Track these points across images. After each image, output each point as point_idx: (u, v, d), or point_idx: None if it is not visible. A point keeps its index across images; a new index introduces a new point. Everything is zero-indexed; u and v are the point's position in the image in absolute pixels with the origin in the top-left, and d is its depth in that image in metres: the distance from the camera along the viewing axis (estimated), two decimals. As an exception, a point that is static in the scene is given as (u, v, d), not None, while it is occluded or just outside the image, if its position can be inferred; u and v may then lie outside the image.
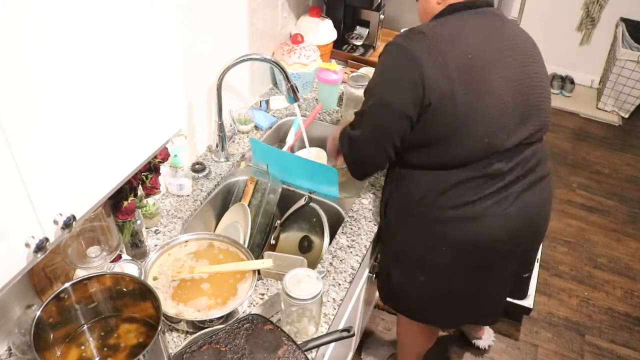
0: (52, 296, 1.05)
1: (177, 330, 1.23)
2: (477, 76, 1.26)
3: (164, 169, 1.42)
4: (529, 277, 1.62)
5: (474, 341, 2.30)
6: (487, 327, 2.31)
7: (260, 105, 1.95)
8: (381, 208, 1.52)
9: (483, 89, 1.26)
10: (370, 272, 1.78)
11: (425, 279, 1.48)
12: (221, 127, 1.65)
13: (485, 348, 2.30)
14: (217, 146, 1.70)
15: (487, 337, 2.30)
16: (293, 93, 1.61)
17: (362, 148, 1.42)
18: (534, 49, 1.38)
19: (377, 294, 2.31)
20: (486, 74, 1.27)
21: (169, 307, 1.21)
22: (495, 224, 1.36)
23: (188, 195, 1.58)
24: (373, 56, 2.28)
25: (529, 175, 1.37)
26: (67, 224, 0.82)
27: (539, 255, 2.44)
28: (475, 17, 1.33)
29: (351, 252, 1.45)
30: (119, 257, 1.28)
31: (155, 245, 1.40)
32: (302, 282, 1.17)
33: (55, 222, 0.81)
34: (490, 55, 1.29)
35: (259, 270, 1.38)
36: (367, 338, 2.28)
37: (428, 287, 1.50)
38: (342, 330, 1.19)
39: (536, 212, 1.42)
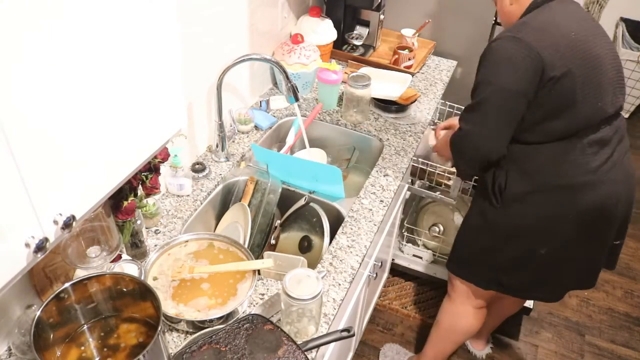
0: (52, 296, 1.05)
1: (177, 330, 1.23)
2: (585, 49, 1.39)
3: (164, 169, 1.42)
4: (621, 245, 1.69)
5: (472, 351, 2.29)
6: (486, 338, 2.30)
7: (260, 105, 1.95)
8: (492, 189, 1.55)
9: (592, 60, 1.39)
10: (370, 272, 1.78)
11: (545, 251, 1.53)
12: (221, 127, 1.65)
13: (482, 358, 2.29)
14: (217, 146, 1.70)
15: (486, 348, 2.30)
16: (293, 93, 1.61)
17: (481, 139, 1.45)
18: (602, 28, 1.53)
19: (377, 292, 2.32)
20: (592, 47, 1.40)
21: (169, 307, 1.21)
22: (612, 189, 1.47)
23: (188, 195, 1.58)
24: (373, 56, 2.28)
25: (622, 143, 1.51)
26: (67, 224, 0.82)
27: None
28: (560, 6, 1.45)
29: (351, 252, 1.45)
30: (119, 257, 1.28)
31: (155, 245, 1.40)
32: (302, 282, 1.17)
33: (55, 222, 0.81)
34: (589, 32, 1.43)
35: (259, 270, 1.38)
36: (385, 344, 2.27)
37: (546, 260, 1.55)
38: (342, 330, 1.19)
39: (633, 178, 1.54)
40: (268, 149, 1.71)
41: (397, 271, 2.53)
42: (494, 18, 2.23)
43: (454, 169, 1.99)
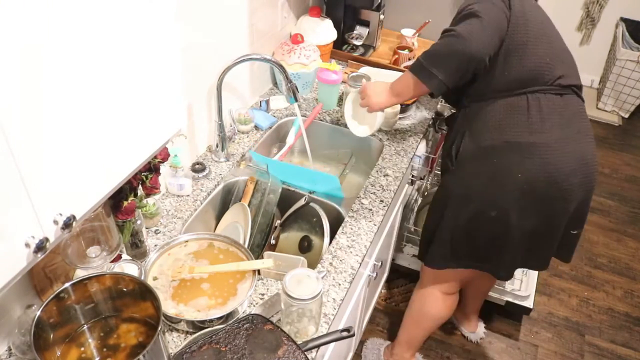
0: (52, 296, 1.05)
1: (177, 330, 1.23)
2: (540, 22, 1.52)
3: (164, 169, 1.42)
4: (578, 236, 1.69)
5: (465, 334, 2.33)
6: (480, 321, 2.34)
7: (260, 105, 1.95)
8: (449, 154, 1.61)
9: (549, 30, 1.53)
10: (370, 272, 1.78)
11: (496, 214, 1.54)
12: (221, 127, 1.65)
13: (477, 342, 2.32)
14: (217, 146, 1.70)
15: (479, 331, 2.33)
16: (293, 93, 1.61)
17: (478, 36, 1.45)
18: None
19: (377, 292, 2.32)
20: (546, 25, 1.54)
21: (169, 307, 1.21)
22: (562, 160, 1.48)
23: (188, 195, 1.58)
24: (373, 56, 2.28)
25: (581, 123, 1.54)
26: (67, 224, 0.82)
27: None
28: None
29: (351, 252, 1.45)
30: (119, 257, 1.28)
31: (155, 245, 1.40)
32: (302, 282, 1.17)
33: (55, 222, 0.81)
34: (543, 18, 1.55)
35: (259, 270, 1.38)
36: (366, 340, 2.28)
37: (497, 223, 1.56)
38: (342, 330, 1.19)
39: (591, 159, 1.54)
40: (266, 157, 1.70)
41: (399, 272, 2.53)
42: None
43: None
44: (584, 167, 1.52)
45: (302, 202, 1.63)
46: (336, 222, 1.58)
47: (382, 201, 1.62)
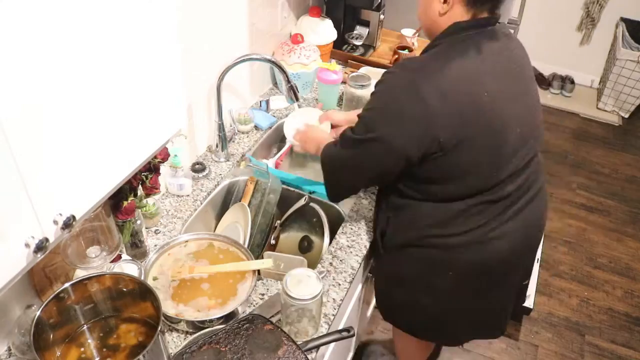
0: (52, 296, 1.05)
1: (177, 330, 1.23)
2: (493, 114, 1.21)
3: (164, 169, 1.42)
4: (527, 284, 1.65)
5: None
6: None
7: (260, 105, 1.95)
8: (376, 235, 1.46)
9: (498, 127, 1.22)
10: (369, 272, 1.78)
11: (429, 301, 1.45)
12: (221, 127, 1.65)
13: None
14: (217, 146, 1.70)
15: None
16: (293, 93, 1.61)
17: (346, 174, 1.36)
18: (529, 64, 1.36)
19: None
20: (502, 109, 1.22)
21: (169, 307, 1.21)
22: (501, 244, 1.34)
23: (188, 195, 1.58)
24: (373, 56, 2.28)
25: (529, 190, 1.35)
26: (67, 224, 0.82)
27: (538, 255, 2.43)
28: (485, 41, 1.23)
29: (351, 252, 1.45)
30: (119, 257, 1.28)
31: (155, 245, 1.40)
32: (302, 282, 1.17)
33: (55, 222, 0.81)
34: (505, 88, 1.24)
35: (259, 270, 1.38)
36: (366, 347, 2.26)
37: (433, 308, 1.47)
38: (342, 331, 1.19)
39: (536, 223, 1.43)
40: (261, 162, 1.70)
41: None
42: (494, 18, 2.23)
43: None
44: (528, 241, 1.42)
45: (302, 202, 1.63)
46: (336, 222, 1.58)
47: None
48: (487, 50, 1.23)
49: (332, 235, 1.51)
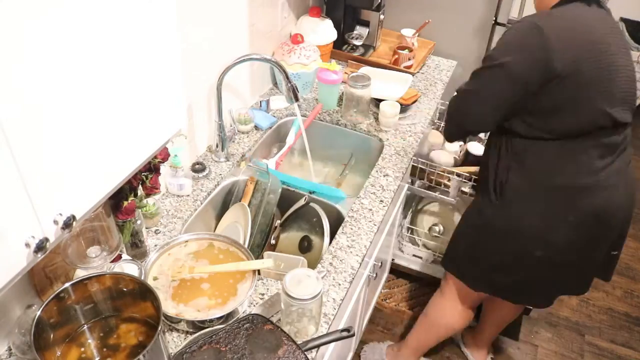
0: (52, 296, 1.05)
1: (177, 330, 1.23)
2: (602, 55, 1.36)
3: (164, 169, 1.42)
4: (618, 256, 1.67)
5: None
6: (487, 348, 2.24)
7: (260, 105, 1.95)
8: (490, 187, 1.54)
9: (607, 68, 1.37)
10: (370, 272, 1.78)
11: (541, 254, 1.51)
12: (221, 127, 1.65)
13: None
14: (217, 146, 1.70)
15: (487, 359, 2.26)
16: (293, 93, 1.61)
17: (470, 105, 1.48)
18: (626, 40, 1.52)
19: (377, 292, 2.32)
20: (610, 56, 1.38)
21: (169, 307, 1.21)
22: (612, 196, 1.45)
23: (188, 195, 1.58)
24: (373, 56, 2.28)
25: (626, 151, 1.48)
26: (67, 224, 0.82)
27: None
28: (589, 9, 1.42)
29: (351, 252, 1.45)
30: (119, 257, 1.28)
31: (155, 245, 1.40)
32: (302, 282, 1.17)
33: (55, 222, 0.81)
34: (612, 42, 1.40)
35: (259, 270, 1.38)
36: (364, 344, 2.26)
37: (541, 263, 1.53)
38: (342, 330, 1.19)
39: (635, 187, 1.52)
40: (263, 163, 1.70)
41: (399, 272, 2.53)
42: (494, 18, 2.23)
43: (454, 169, 1.99)
44: (628, 197, 1.51)
45: (302, 202, 1.63)
46: (336, 222, 1.58)
47: (382, 201, 1.62)
48: (594, 14, 1.42)
49: (332, 235, 1.52)
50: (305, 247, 1.63)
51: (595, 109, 1.37)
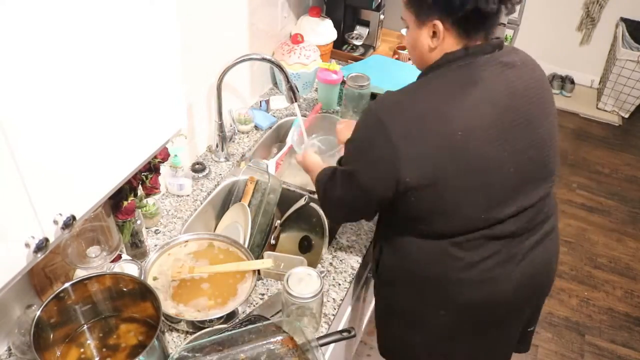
0: (52, 296, 1.05)
1: (177, 330, 1.23)
2: (470, 154, 1.09)
3: (164, 169, 1.42)
4: (533, 331, 1.52)
5: None
6: None
7: (260, 105, 1.95)
8: (372, 260, 1.39)
9: (481, 167, 1.11)
10: (370, 272, 1.78)
11: (422, 340, 1.35)
12: (221, 127, 1.65)
13: None
14: (217, 146, 1.70)
15: None
16: (293, 93, 1.61)
17: (333, 204, 1.30)
18: (545, 87, 1.22)
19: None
20: (484, 149, 1.10)
21: (169, 307, 1.21)
22: (502, 286, 1.24)
23: (188, 195, 1.58)
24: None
25: (537, 232, 1.26)
26: (67, 224, 0.82)
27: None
28: (479, 71, 1.12)
29: (351, 252, 1.45)
30: (119, 257, 1.28)
31: (155, 245, 1.40)
32: (303, 280, 1.17)
33: (55, 222, 0.81)
34: (495, 123, 1.11)
35: (259, 270, 1.38)
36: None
37: (426, 347, 1.37)
38: (343, 331, 1.19)
39: (544, 269, 1.32)
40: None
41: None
42: (494, 18, 2.22)
43: None
44: (534, 284, 1.31)
45: (302, 202, 1.63)
46: (336, 222, 1.58)
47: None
48: (476, 82, 1.12)
49: (332, 235, 1.51)
50: (305, 247, 1.63)
51: (470, 215, 1.15)
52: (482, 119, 1.10)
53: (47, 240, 0.80)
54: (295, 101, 1.63)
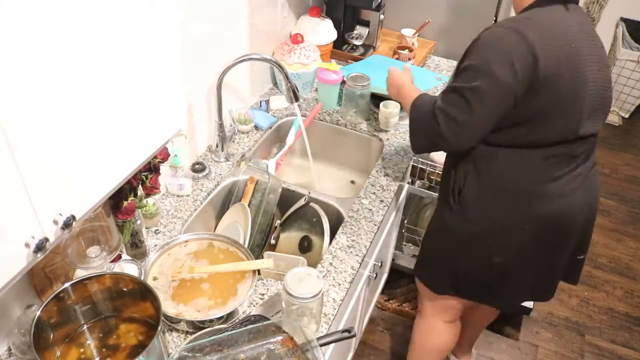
0: (52, 296, 1.05)
1: (177, 330, 1.23)
2: (577, 64, 1.32)
3: (164, 169, 1.42)
4: (584, 260, 1.66)
5: None
6: (470, 352, 2.22)
7: (260, 105, 1.95)
8: (449, 191, 1.49)
9: (581, 77, 1.33)
10: (370, 273, 1.78)
11: (501, 259, 1.48)
12: (221, 127, 1.65)
13: None
14: (217, 146, 1.70)
15: None
16: (293, 93, 1.61)
17: (474, 133, 1.35)
18: (604, 50, 1.44)
19: (377, 292, 2.32)
20: (583, 64, 1.33)
21: (169, 307, 1.21)
22: (570, 203, 1.43)
23: (188, 195, 1.58)
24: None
25: (590, 159, 1.46)
26: (67, 224, 0.82)
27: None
28: (566, 12, 1.36)
29: (351, 252, 1.45)
30: (119, 257, 1.28)
31: (155, 245, 1.40)
32: (303, 280, 1.17)
33: (55, 222, 0.81)
34: (586, 48, 1.35)
35: (259, 270, 1.38)
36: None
37: (501, 267, 1.50)
38: (344, 331, 1.19)
39: (595, 194, 1.52)
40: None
41: (399, 272, 2.53)
42: (494, 18, 2.23)
43: None
44: (589, 203, 1.49)
45: (302, 202, 1.63)
46: (336, 222, 1.58)
47: (382, 201, 1.62)
48: (571, 17, 1.36)
49: (332, 235, 1.51)
50: (305, 247, 1.63)
51: (564, 122, 1.34)
52: (581, 42, 1.34)
53: (47, 240, 0.80)
54: (296, 101, 1.63)
